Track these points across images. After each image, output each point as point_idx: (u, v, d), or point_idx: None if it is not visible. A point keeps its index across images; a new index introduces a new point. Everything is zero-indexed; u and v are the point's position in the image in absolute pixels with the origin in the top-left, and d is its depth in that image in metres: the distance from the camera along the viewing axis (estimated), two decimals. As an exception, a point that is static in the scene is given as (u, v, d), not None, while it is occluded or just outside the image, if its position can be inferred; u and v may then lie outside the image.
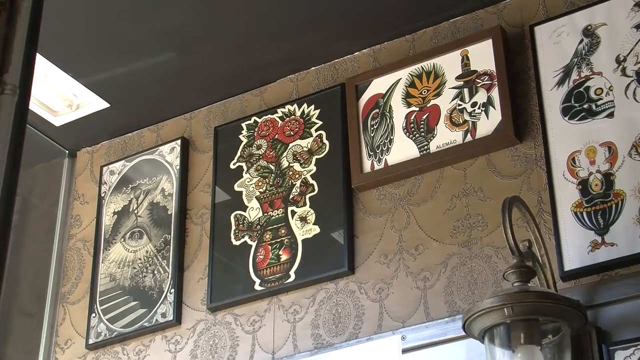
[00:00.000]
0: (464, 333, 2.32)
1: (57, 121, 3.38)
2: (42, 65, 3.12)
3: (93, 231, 3.32)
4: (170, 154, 3.29)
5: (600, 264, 2.41)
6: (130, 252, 3.21)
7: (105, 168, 3.41)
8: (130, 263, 3.19)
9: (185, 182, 3.23)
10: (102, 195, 3.37)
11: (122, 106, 3.33)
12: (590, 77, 2.63)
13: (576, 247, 2.46)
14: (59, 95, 3.29)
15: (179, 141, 3.29)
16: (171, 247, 3.12)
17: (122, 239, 3.25)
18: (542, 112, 2.65)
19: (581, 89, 2.63)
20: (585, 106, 2.60)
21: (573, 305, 2.23)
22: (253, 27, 3.02)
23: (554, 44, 2.70)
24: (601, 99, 2.59)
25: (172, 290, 3.05)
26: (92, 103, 3.31)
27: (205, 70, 3.18)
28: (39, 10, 1.61)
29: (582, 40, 2.67)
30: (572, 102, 2.62)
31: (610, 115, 2.56)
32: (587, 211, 2.48)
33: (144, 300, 3.10)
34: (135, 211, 3.27)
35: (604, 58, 2.62)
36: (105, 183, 3.38)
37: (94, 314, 3.15)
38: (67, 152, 3.53)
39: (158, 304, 3.06)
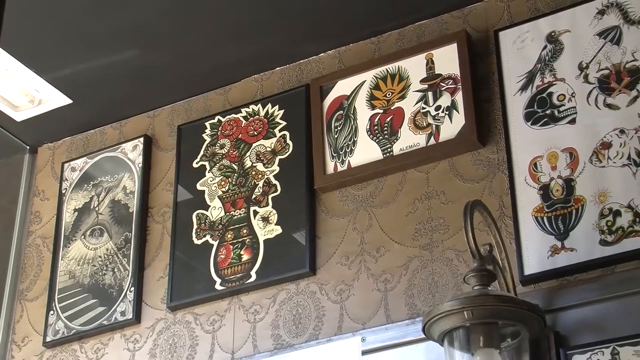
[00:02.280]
0: (423, 335, 2.32)
1: (19, 116, 3.35)
2: (4, 60, 3.09)
3: (53, 228, 3.30)
4: (132, 151, 3.27)
5: (560, 269, 2.43)
6: (91, 249, 3.18)
7: (66, 164, 3.39)
8: (90, 261, 3.16)
9: (148, 180, 3.22)
10: (63, 192, 3.34)
11: (85, 103, 3.31)
12: (553, 83, 2.65)
13: (536, 251, 2.47)
14: (21, 90, 3.26)
15: (141, 139, 3.27)
16: (132, 245, 3.10)
17: (83, 236, 3.22)
18: (505, 117, 2.67)
19: (544, 95, 2.65)
20: (548, 112, 2.62)
21: (532, 309, 2.25)
22: (218, 26, 3.01)
23: (518, 49, 2.72)
24: (563, 105, 2.61)
25: (132, 288, 3.03)
26: (55, 99, 3.28)
27: (169, 68, 3.17)
28: (1, 4, 1.60)
29: (545, 47, 2.69)
30: (535, 107, 2.64)
31: (572, 121, 2.58)
32: (548, 216, 2.50)
33: (104, 298, 3.07)
34: (96, 208, 3.25)
35: (567, 65, 2.64)
36: (67, 180, 3.35)
37: (52, 312, 3.13)
38: (28, 147, 3.50)
39: (117, 302, 3.04)
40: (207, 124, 3.17)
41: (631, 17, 2.60)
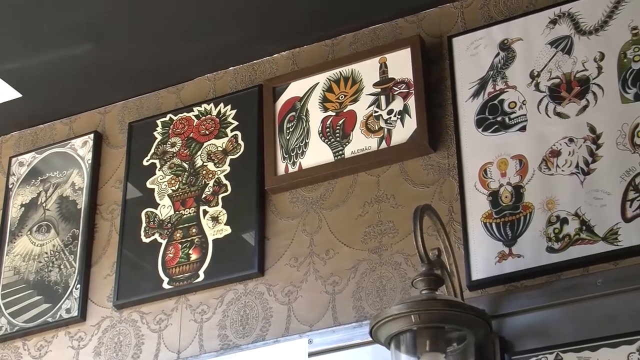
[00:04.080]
0: (370, 338, 2.33)
1: (-34, 109, 3.31)
2: (-47, 51, 3.05)
3: (-1, 223, 3.26)
4: (82, 147, 3.24)
5: (507, 275, 2.45)
6: (37, 245, 3.15)
7: (14, 159, 3.35)
8: (36, 257, 3.13)
9: (97, 177, 3.19)
10: (10, 186, 3.30)
11: (35, 97, 3.27)
12: (505, 90, 2.67)
13: (484, 257, 2.49)
14: (-30, 82, 3.22)
15: (92, 135, 3.24)
16: (79, 242, 3.08)
17: (29, 232, 3.19)
18: (456, 123, 2.68)
19: (495, 102, 2.67)
20: (499, 119, 2.64)
21: (478, 314, 2.26)
22: (172, 23, 3.00)
23: (471, 55, 2.74)
24: (514, 112, 2.63)
25: (78, 285, 3.00)
26: (4, 92, 3.24)
27: (121, 65, 3.15)
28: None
29: (498, 54, 2.71)
30: (486, 114, 2.66)
31: (523, 129, 2.60)
32: (496, 222, 2.52)
33: (49, 295, 3.04)
34: (44, 204, 3.22)
35: (519, 72, 2.66)
36: (14, 174, 3.31)
37: (-5, 308, 3.09)
38: (-25, 141, 3.46)
39: (63, 300, 3.01)
40: (158, 121, 3.16)
41: (582, 28, 2.63)
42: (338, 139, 2.84)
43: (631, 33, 2.57)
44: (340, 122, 2.86)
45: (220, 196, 2.93)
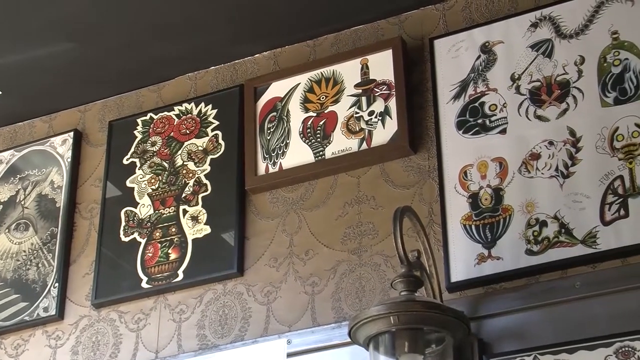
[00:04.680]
0: (349, 339, 2.33)
1: (-55, 106, 3.29)
2: None
3: (-24, 220, 3.24)
4: (62, 145, 3.23)
5: (486, 277, 2.46)
6: (15, 243, 3.13)
7: (-8, 156, 3.34)
8: (14, 255, 3.11)
9: (76, 175, 3.18)
10: (-12, 184, 3.29)
11: (14, 94, 3.25)
12: (486, 93, 2.68)
13: (463, 259, 2.50)
14: (-52, 79, 3.20)
15: (71, 133, 3.23)
16: (58, 241, 3.06)
17: (7, 230, 3.17)
18: (437, 125, 2.69)
19: (476, 104, 2.67)
20: (480, 121, 2.65)
21: (457, 316, 2.27)
22: (153, 22, 2.99)
23: (453, 58, 2.75)
24: (495, 115, 2.64)
25: (57, 284, 2.99)
26: (-17, 89, 3.23)
27: (102, 63, 3.13)
28: None
29: (479, 56, 2.72)
30: (467, 116, 2.67)
31: (503, 131, 2.61)
32: (476, 224, 2.53)
33: (26, 293, 3.03)
34: (22, 202, 3.20)
35: (500, 75, 2.67)
36: (-8, 172, 3.30)
37: (-28, 306, 3.07)
38: (-47, 138, 3.44)
39: (40, 298, 2.99)
40: (139, 120, 3.15)
41: (563, 31, 2.64)
42: (319, 139, 2.84)
43: (611, 37, 2.58)
44: (321, 122, 2.86)
45: (200, 196, 2.93)
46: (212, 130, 3.01)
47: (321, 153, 2.82)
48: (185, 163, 3.00)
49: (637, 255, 2.34)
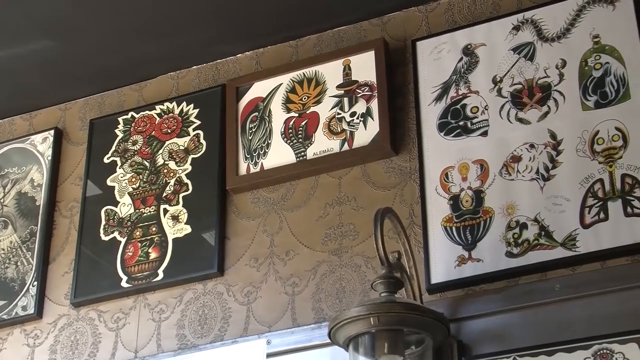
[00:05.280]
0: (329, 340, 2.33)
1: None
2: None
3: (-45, 218, 3.22)
4: (42, 144, 3.22)
5: (466, 279, 2.46)
6: (-6, 241, 3.12)
7: (-28, 154, 3.32)
8: (-7, 253, 3.10)
9: (56, 173, 3.17)
10: (-32, 181, 3.27)
11: (-6, 92, 3.24)
12: (468, 95, 2.68)
13: (444, 261, 2.50)
14: None
15: (52, 131, 3.22)
16: (37, 239, 3.05)
17: (-14, 228, 3.16)
18: (419, 126, 2.69)
19: (458, 106, 2.68)
20: (461, 123, 2.65)
21: (437, 317, 2.27)
22: (135, 21, 2.98)
23: (435, 60, 2.75)
24: (476, 117, 2.64)
25: (35, 283, 2.98)
26: (-37, 86, 3.21)
27: (83, 61, 3.12)
28: None
29: (461, 59, 2.73)
30: (449, 118, 2.68)
31: (484, 134, 2.62)
32: (457, 226, 2.53)
33: (4, 292, 3.01)
34: (2, 200, 3.19)
35: (482, 77, 2.68)
36: (-28, 169, 3.28)
37: (-50, 304, 3.06)
38: None
39: (19, 297, 2.98)
40: (120, 119, 3.14)
41: (545, 35, 2.65)
42: (300, 140, 2.84)
43: (592, 41, 2.59)
44: (303, 123, 2.86)
45: (181, 195, 2.92)
46: (194, 129, 3.01)
47: (303, 153, 2.82)
48: (166, 162, 2.99)
49: (616, 259, 2.35)
